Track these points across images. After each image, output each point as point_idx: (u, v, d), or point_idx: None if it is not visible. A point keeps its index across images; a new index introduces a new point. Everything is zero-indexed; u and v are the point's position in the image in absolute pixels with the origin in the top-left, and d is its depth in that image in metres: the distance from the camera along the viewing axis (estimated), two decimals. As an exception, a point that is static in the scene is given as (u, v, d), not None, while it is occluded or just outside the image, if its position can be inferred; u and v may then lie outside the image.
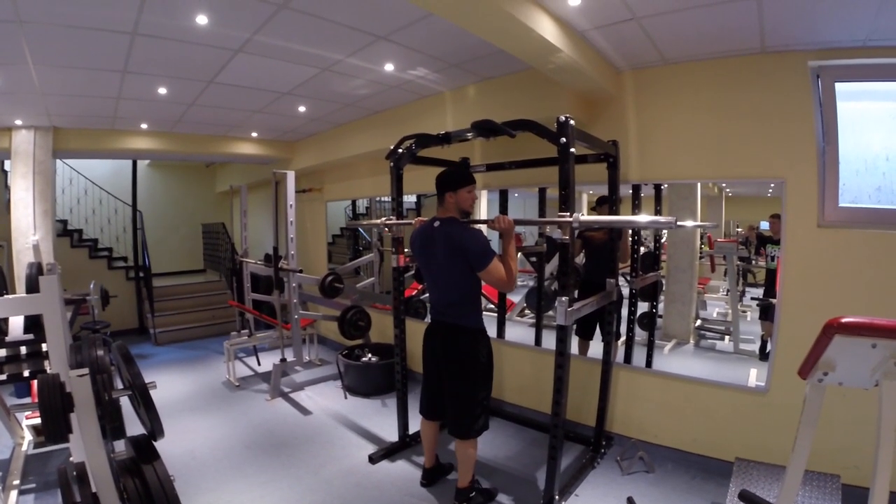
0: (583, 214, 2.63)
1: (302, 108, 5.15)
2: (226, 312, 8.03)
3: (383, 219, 3.58)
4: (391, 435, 3.94)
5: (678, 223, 2.48)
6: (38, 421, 3.57)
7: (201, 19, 2.94)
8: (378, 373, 5.05)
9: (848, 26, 2.65)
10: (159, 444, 2.11)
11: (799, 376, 1.79)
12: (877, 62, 2.80)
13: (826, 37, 2.80)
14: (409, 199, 7.02)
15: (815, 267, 2.99)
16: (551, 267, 5.47)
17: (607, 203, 3.55)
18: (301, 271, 5.44)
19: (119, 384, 2.40)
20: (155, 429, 2.09)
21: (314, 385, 5.41)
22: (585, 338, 4.34)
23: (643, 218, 3.06)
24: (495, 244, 3.20)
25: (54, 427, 1.82)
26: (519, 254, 7.48)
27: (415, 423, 3.90)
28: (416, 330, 4.14)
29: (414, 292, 6.03)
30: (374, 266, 6.57)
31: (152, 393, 2.12)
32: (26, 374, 3.26)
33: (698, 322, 5.16)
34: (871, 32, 2.64)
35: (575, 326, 3.83)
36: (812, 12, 2.56)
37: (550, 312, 5.07)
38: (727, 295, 5.34)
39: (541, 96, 3.69)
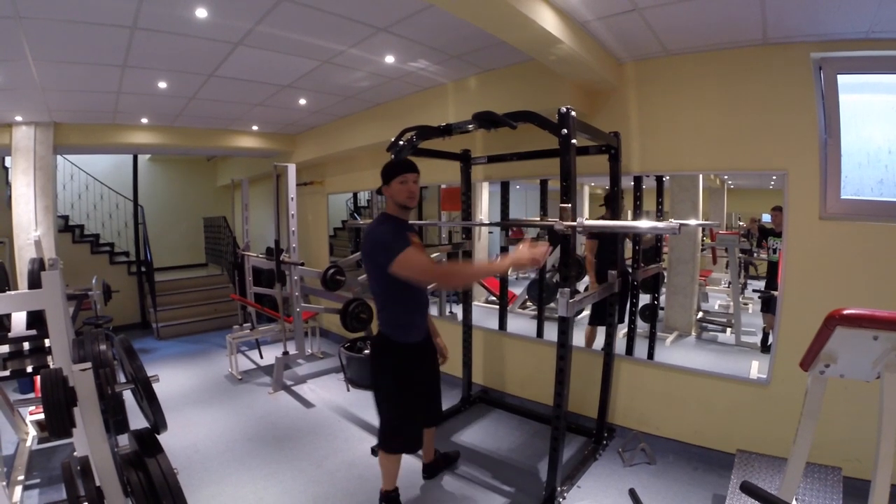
0: (586, 218, 2.63)
1: (303, 101, 5.13)
2: (228, 306, 8.05)
3: None
4: (393, 427, 3.95)
5: (681, 226, 2.47)
6: (41, 416, 3.59)
7: (201, 12, 2.93)
8: (380, 366, 5.04)
9: (851, 18, 2.63)
10: (162, 438, 2.12)
11: (800, 368, 1.79)
12: (879, 54, 2.78)
13: (829, 28, 2.78)
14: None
15: (816, 259, 2.98)
16: (553, 259, 5.47)
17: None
18: (303, 264, 5.44)
19: (122, 378, 2.40)
20: (158, 422, 2.10)
21: (316, 378, 5.43)
22: (600, 324, 4.33)
23: (644, 224, 3.07)
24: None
25: (58, 422, 1.83)
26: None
27: (417, 416, 3.92)
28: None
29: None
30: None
31: (155, 387, 2.13)
32: (29, 369, 3.27)
33: (700, 314, 5.16)
34: (874, 24, 2.62)
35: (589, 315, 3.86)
36: (814, 3, 2.54)
37: (552, 304, 5.09)
38: (729, 287, 5.34)
39: (542, 87, 3.68)
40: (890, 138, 2.90)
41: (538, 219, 4.80)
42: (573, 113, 2.64)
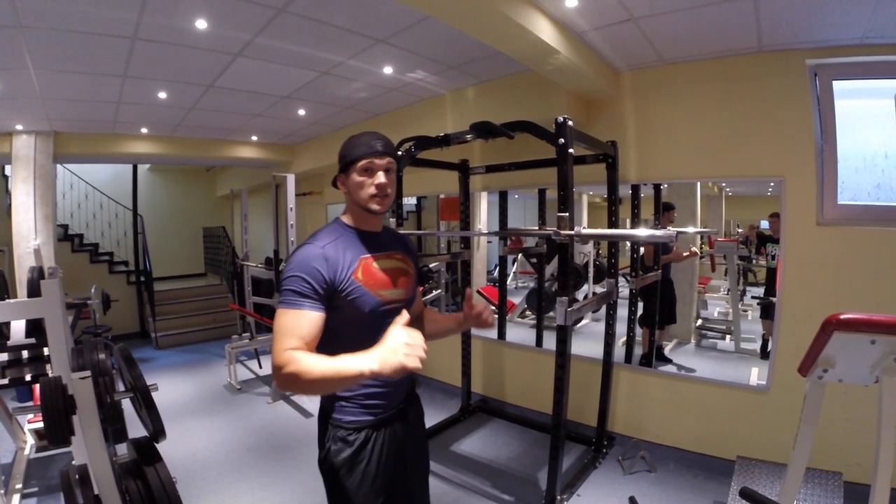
0: (584, 227, 2.63)
1: (302, 112, 5.16)
2: (227, 316, 8.03)
3: None
4: (393, 437, 3.93)
5: (678, 233, 2.49)
6: (40, 425, 3.57)
7: (201, 23, 2.96)
8: (379, 375, 5.03)
9: (845, 24, 2.66)
10: (161, 447, 2.12)
11: (799, 374, 1.79)
12: (874, 59, 2.81)
13: (823, 35, 2.81)
14: (410, 201, 7.04)
15: (814, 265, 3.00)
16: (551, 268, 5.48)
17: (670, 210, 3.99)
18: (302, 274, 5.43)
19: (121, 387, 2.40)
20: (157, 431, 2.10)
21: (316, 387, 5.40)
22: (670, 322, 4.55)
23: (642, 232, 3.09)
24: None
25: (57, 430, 1.83)
26: (519, 255, 7.48)
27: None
28: (416, 331, 4.15)
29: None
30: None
31: (154, 396, 2.13)
32: (28, 377, 3.26)
33: (699, 321, 5.16)
34: (869, 30, 2.65)
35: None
36: (809, 11, 2.57)
37: (551, 313, 5.09)
38: (728, 294, 5.34)
39: (539, 97, 3.70)
40: (886, 143, 2.93)
41: (536, 228, 4.82)
42: (570, 122, 2.66)
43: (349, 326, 1.47)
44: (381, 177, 1.52)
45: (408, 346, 1.16)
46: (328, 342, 1.44)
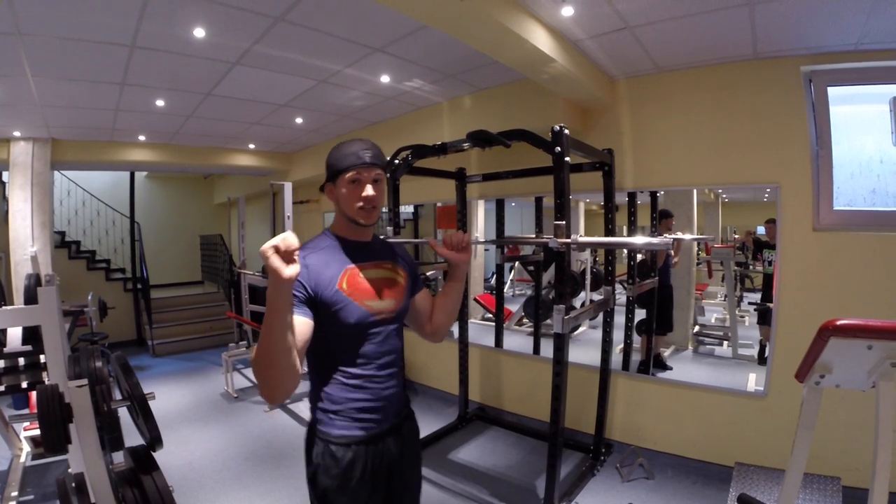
0: (581, 235, 2.63)
1: (299, 120, 5.17)
2: (224, 324, 8.00)
3: None
4: (390, 444, 3.92)
5: (675, 240, 2.50)
6: (36, 432, 3.55)
7: (199, 32, 2.97)
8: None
9: (839, 31, 2.69)
10: (158, 456, 2.11)
11: (796, 380, 1.80)
12: (868, 65, 2.85)
13: (818, 42, 2.84)
14: (407, 209, 7.05)
15: (810, 270, 3.01)
16: (549, 276, 5.48)
17: (668, 217, 4.01)
18: (299, 281, 5.42)
19: (118, 395, 2.39)
20: (154, 439, 2.09)
21: (313, 395, 5.39)
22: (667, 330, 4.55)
23: (639, 240, 3.11)
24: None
25: (53, 437, 1.82)
26: (516, 263, 7.48)
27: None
28: (415, 340, 4.15)
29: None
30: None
31: (151, 404, 2.12)
32: (24, 385, 3.25)
33: (697, 328, 5.16)
34: (863, 36, 2.68)
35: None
36: (803, 18, 2.60)
37: (548, 321, 5.08)
38: (725, 300, 5.35)
39: (536, 106, 3.72)
40: (881, 148, 2.95)
41: (533, 236, 4.83)
42: (566, 131, 2.67)
43: (339, 340, 1.45)
44: (368, 189, 1.48)
45: (270, 248, 1.10)
46: (322, 360, 1.48)
